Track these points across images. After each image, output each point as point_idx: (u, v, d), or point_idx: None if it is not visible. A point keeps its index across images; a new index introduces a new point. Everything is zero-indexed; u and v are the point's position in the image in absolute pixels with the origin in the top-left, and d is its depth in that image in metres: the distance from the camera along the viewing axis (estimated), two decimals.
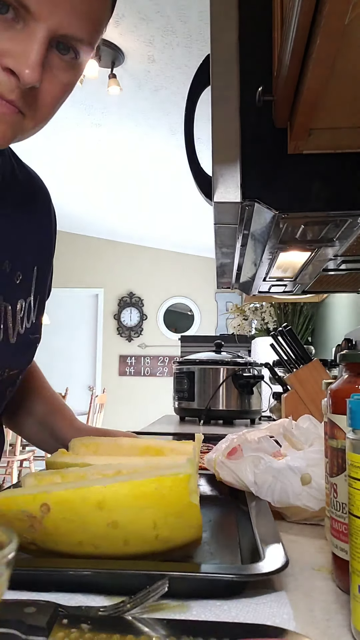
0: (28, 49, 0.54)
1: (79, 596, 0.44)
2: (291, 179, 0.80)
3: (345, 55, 0.58)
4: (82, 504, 0.48)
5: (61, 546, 0.49)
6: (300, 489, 0.66)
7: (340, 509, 0.49)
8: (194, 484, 0.50)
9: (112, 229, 6.39)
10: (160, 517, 0.48)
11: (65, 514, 0.48)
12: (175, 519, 0.48)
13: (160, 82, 3.22)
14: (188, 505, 0.49)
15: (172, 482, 0.49)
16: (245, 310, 3.25)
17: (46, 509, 0.48)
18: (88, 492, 0.48)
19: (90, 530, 0.48)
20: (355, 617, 0.39)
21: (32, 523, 0.48)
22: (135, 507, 0.48)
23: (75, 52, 0.59)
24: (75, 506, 0.48)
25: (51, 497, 0.48)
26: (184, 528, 0.49)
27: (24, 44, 0.54)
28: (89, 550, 0.48)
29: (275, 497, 0.67)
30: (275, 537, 0.53)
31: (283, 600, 0.44)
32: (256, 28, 0.82)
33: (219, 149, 0.81)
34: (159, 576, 0.42)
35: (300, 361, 1.77)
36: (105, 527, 0.47)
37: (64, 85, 0.61)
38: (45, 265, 0.83)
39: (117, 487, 0.48)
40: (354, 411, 0.41)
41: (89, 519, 0.48)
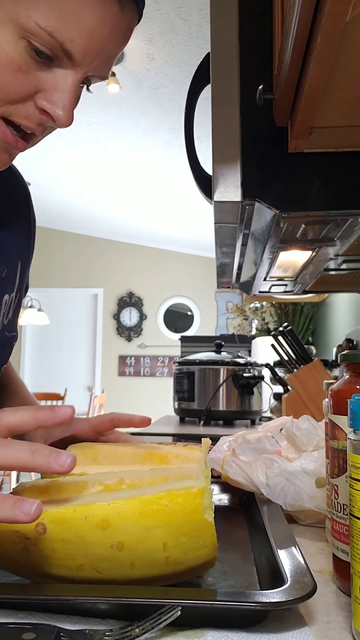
0: (64, 92, 0.55)
1: (82, 617, 0.42)
2: (292, 178, 0.80)
3: (345, 54, 0.58)
4: (83, 523, 0.43)
5: (59, 570, 0.44)
6: (315, 492, 0.66)
7: (341, 510, 0.49)
8: (209, 499, 0.45)
9: (111, 228, 6.39)
10: (171, 537, 0.43)
11: (64, 534, 0.43)
12: (187, 539, 0.43)
13: (160, 81, 3.22)
14: (202, 522, 0.43)
15: (184, 498, 0.43)
16: (246, 310, 3.25)
17: (42, 529, 0.43)
18: (90, 510, 0.43)
19: (93, 553, 0.43)
20: (356, 619, 0.39)
21: (26, 545, 0.43)
22: (143, 527, 0.42)
23: (88, 84, 0.61)
24: (75, 526, 0.43)
25: (48, 516, 0.43)
26: (197, 549, 0.44)
27: (60, 86, 0.55)
28: (90, 575, 0.44)
29: (288, 500, 0.67)
30: (297, 553, 0.49)
31: (306, 633, 0.41)
32: (256, 26, 0.82)
33: (219, 148, 0.81)
34: (171, 605, 0.39)
35: (300, 361, 1.76)
36: (109, 549, 0.42)
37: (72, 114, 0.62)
38: (26, 261, 0.82)
39: (123, 504, 0.43)
40: (355, 412, 0.41)
41: (91, 540, 0.43)
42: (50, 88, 0.55)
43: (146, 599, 0.40)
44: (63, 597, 0.41)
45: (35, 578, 0.46)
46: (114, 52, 0.57)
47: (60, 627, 0.38)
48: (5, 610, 0.42)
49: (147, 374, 6.80)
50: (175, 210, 5.36)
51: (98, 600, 0.41)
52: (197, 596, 0.41)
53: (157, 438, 1.60)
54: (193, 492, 0.44)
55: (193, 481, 0.45)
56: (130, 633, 0.38)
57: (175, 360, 2.37)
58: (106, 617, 0.42)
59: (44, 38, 0.52)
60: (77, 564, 0.43)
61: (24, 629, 0.37)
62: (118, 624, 0.40)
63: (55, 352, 6.75)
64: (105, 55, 0.56)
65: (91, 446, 0.65)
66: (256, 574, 0.52)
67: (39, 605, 0.42)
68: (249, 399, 2.18)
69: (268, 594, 0.41)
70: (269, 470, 0.70)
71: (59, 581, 0.45)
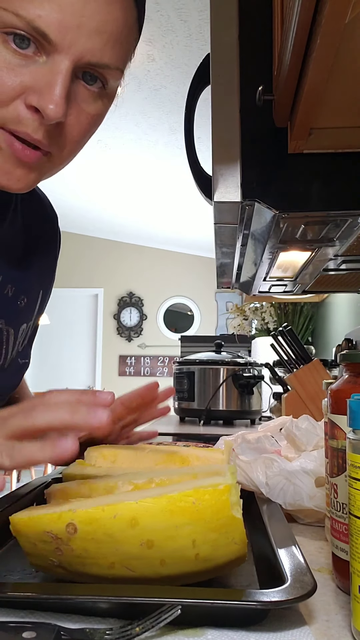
0: (51, 83, 0.51)
1: (83, 616, 0.42)
2: (291, 179, 0.80)
3: (345, 55, 0.58)
4: (112, 522, 0.43)
5: (92, 569, 0.44)
6: (314, 491, 0.66)
7: (341, 510, 0.49)
8: (236, 495, 0.45)
9: (111, 228, 6.39)
10: (200, 534, 0.43)
11: (94, 534, 0.43)
12: (217, 536, 0.44)
13: (160, 82, 3.22)
14: (230, 519, 0.44)
15: (212, 495, 0.44)
16: (246, 310, 3.25)
17: (72, 530, 0.43)
18: (118, 509, 0.43)
19: (123, 551, 0.43)
20: (356, 618, 0.39)
21: (58, 545, 0.44)
22: (171, 524, 0.43)
23: (103, 81, 0.56)
24: (105, 525, 0.43)
25: (77, 516, 0.43)
26: (226, 545, 0.44)
27: (47, 78, 0.51)
28: (122, 572, 0.44)
29: (288, 500, 0.67)
30: (297, 552, 0.49)
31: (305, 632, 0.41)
32: (256, 27, 0.82)
33: (219, 149, 0.81)
34: (171, 604, 0.39)
35: (300, 361, 1.77)
36: (138, 547, 0.43)
37: (92, 117, 0.57)
38: (47, 289, 0.82)
39: (151, 502, 0.43)
40: (355, 411, 0.41)
41: (121, 538, 0.43)
42: (37, 82, 0.51)
43: (146, 597, 0.40)
44: (64, 596, 0.41)
45: (70, 577, 0.46)
46: (104, 27, 0.51)
47: (60, 626, 0.38)
48: (5, 609, 0.43)
49: (147, 374, 6.80)
50: (176, 210, 5.36)
51: (98, 599, 0.41)
52: (197, 595, 0.41)
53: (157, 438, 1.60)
54: (220, 489, 0.44)
55: (220, 478, 0.45)
56: (130, 632, 0.38)
57: (175, 360, 2.37)
58: (106, 616, 0.42)
59: (12, 21, 0.49)
60: (108, 562, 0.44)
61: (24, 627, 0.37)
62: (118, 623, 0.40)
63: (55, 352, 6.75)
64: (91, 31, 0.51)
65: (110, 448, 0.66)
66: (256, 573, 0.52)
67: (40, 604, 0.42)
68: (248, 398, 2.18)
69: (268, 593, 0.41)
70: (268, 469, 0.70)
71: (93, 580, 0.45)
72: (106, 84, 0.57)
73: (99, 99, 0.57)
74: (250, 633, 0.40)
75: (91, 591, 0.43)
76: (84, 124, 0.57)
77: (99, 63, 0.53)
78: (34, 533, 0.45)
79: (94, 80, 0.55)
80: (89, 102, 0.56)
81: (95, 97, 0.57)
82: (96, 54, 0.53)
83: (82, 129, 0.57)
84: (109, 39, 0.53)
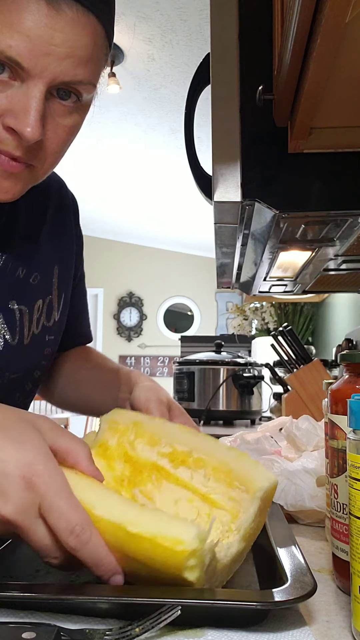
0: (27, 107, 0.55)
1: (83, 617, 0.42)
2: (291, 179, 0.80)
3: (345, 54, 0.58)
4: None
5: None
6: (316, 491, 0.66)
7: (341, 510, 0.49)
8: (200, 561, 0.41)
9: (111, 228, 6.39)
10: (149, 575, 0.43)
11: None
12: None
13: (160, 81, 3.22)
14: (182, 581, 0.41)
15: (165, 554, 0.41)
16: (246, 310, 3.25)
17: None
18: None
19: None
20: (356, 618, 0.39)
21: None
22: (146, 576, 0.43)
23: (77, 95, 0.59)
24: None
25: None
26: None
27: (22, 102, 0.55)
28: None
29: (289, 500, 0.67)
30: (297, 553, 0.49)
31: (305, 632, 0.41)
32: (256, 27, 0.82)
33: (219, 148, 0.81)
34: (171, 605, 0.39)
35: (300, 361, 1.77)
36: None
37: (69, 129, 0.61)
38: (66, 266, 0.84)
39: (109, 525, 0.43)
40: (355, 411, 0.41)
41: None
42: (14, 106, 0.55)
43: (146, 598, 0.40)
44: (63, 597, 0.41)
45: None
46: (74, 52, 0.55)
47: (60, 627, 0.38)
48: (5, 609, 0.43)
49: (147, 374, 6.80)
50: (175, 210, 5.36)
51: (98, 599, 0.41)
52: (197, 595, 0.41)
53: None
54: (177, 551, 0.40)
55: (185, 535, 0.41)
56: (130, 632, 0.38)
57: (175, 360, 2.37)
58: (106, 616, 0.42)
59: None
60: None
61: (24, 628, 0.37)
62: (118, 624, 0.40)
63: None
64: (61, 56, 0.54)
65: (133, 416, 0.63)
66: (256, 574, 0.52)
67: (40, 605, 0.42)
68: (248, 399, 2.18)
69: (268, 594, 0.41)
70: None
71: None
72: (80, 97, 0.60)
73: (74, 112, 0.61)
74: (250, 633, 0.40)
75: (91, 592, 0.43)
76: (62, 136, 0.61)
77: (73, 81, 0.57)
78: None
79: (68, 96, 0.59)
80: (65, 116, 0.60)
81: (70, 110, 0.60)
82: (68, 74, 0.56)
83: (60, 140, 0.61)
84: (80, 61, 0.56)
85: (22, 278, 0.75)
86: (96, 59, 0.59)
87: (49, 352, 0.81)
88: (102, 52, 0.60)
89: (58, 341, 0.84)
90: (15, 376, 0.76)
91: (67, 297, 0.84)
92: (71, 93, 0.59)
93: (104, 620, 0.41)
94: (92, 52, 0.57)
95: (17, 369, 0.76)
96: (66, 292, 0.84)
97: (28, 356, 0.77)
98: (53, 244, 0.81)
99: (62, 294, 0.83)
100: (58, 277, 0.81)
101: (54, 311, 0.81)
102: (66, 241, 0.85)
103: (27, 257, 0.76)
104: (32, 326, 0.77)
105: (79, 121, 0.63)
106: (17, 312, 0.74)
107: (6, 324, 0.73)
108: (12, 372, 0.76)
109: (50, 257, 0.80)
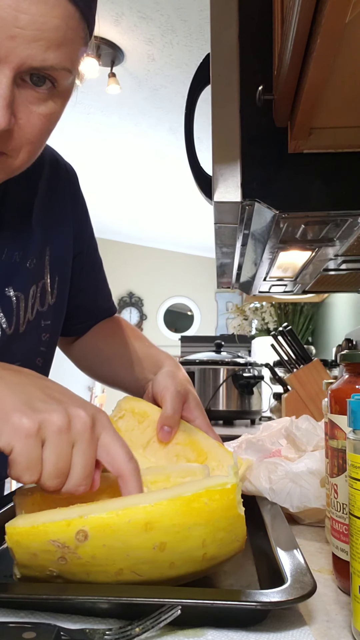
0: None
1: (83, 617, 0.42)
2: (291, 179, 0.80)
3: (345, 54, 0.58)
4: (127, 527, 0.42)
5: (97, 577, 0.43)
6: (320, 491, 0.66)
7: (341, 510, 0.49)
8: (239, 494, 0.46)
9: (111, 228, 6.39)
10: (210, 534, 0.43)
11: (106, 540, 0.42)
12: (224, 534, 0.44)
13: (160, 81, 3.22)
14: (237, 517, 0.45)
15: (221, 495, 0.44)
16: (246, 310, 3.25)
17: (83, 537, 0.42)
18: (133, 514, 0.42)
19: (134, 556, 0.42)
20: (356, 618, 0.39)
21: (63, 554, 0.42)
22: (185, 526, 0.43)
23: (52, 81, 0.56)
24: (119, 530, 0.42)
25: (89, 522, 0.42)
26: (231, 542, 0.45)
27: None
28: (129, 578, 0.43)
29: (295, 502, 0.66)
30: (297, 553, 0.49)
31: (305, 632, 0.41)
32: (256, 27, 0.82)
33: (219, 148, 0.81)
34: (171, 604, 0.39)
35: (300, 361, 1.77)
36: (151, 550, 0.42)
37: (45, 117, 0.58)
38: (60, 247, 0.81)
39: (166, 505, 0.43)
40: (355, 411, 0.41)
41: (134, 543, 0.42)
42: None
43: (146, 598, 0.40)
44: (63, 597, 0.41)
45: None
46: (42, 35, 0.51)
47: (60, 626, 0.38)
48: (5, 609, 0.43)
49: None
50: (176, 210, 5.36)
51: (98, 599, 0.41)
52: (197, 595, 0.41)
53: None
54: (228, 488, 0.45)
55: (224, 477, 0.46)
56: (130, 632, 0.38)
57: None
58: (106, 616, 0.42)
59: None
60: (116, 569, 0.43)
61: (24, 628, 0.37)
62: (118, 623, 0.40)
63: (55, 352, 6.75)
64: (27, 39, 0.51)
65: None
66: (256, 573, 0.52)
67: (40, 605, 0.42)
68: (249, 398, 2.18)
69: (268, 594, 0.41)
70: (272, 474, 0.69)
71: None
72: (56, 82, 0.56)
73: (49, 99, 0.57)
74: (250, 633, 0.40)
75: (91, 591, 0.42)
76: (37, 124, 0.57)
77: (43, 66, 0.53)
78: (37, 543, 0.43)
79: (42, 82, 0.55)
80: (39, 104, 0.57)
81: (44, 97, 0.57)
82: (37, 58, 0.52)
83: (35, 129, 0.58)
84: (50, 44, 0.53)
85: (19, 262, 0.73)
86: (69, 42, 0.54)
87: (46, 337, 0.80)
88: (77, 35, 0.55)
89: (57, 325, 0.82)
90: (16, 365, 0.76)
91: (63, 278, 0.81)
92: (45, 79, 0.55)
93: (104, 620, 0.41)
94: (65, 34, 0.53)
95: (16, 359, 0.74)
96: (61, 274, 0.81)
97: (25, 344, 0.76)
98: (44, 224, 0.78)
99: (56, 276, 0.80)
100: (50, 259, 0.78)
101: (48, 295, 0.78)
102: (60, 220, 0.81)
103: (22, 240, 0.73)
104: (27, 313, 0.75)
105: (56, 109, 0.59)
106: (13, 298, 0.72)
107: (3, 312, 0.71)
108: (11, 361, 0.75)
109: (41, 238, 0.77)
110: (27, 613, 0.42)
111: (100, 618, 0.41)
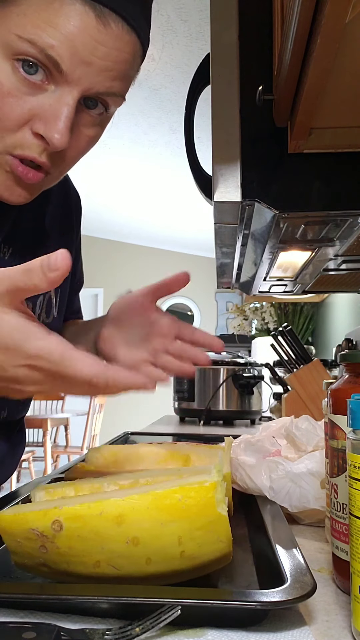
0: (57, 114, 0.54)
1: (83, 616, 0.42)
2: (292, 179, 0.80)
3: (345, 54, 0.58)
4: (98, 519, 0.43)
5: (76, 567, 0.44)
6: (320, 492, 0.66)
7: (341, 510, 0.49)
8: (222, 493, 0.45)
9: (111, 228, 6.39)
10: (186, 532, 0.43)
11: (80, 531, 0.43)
12: (202, 533, 0.44)
13: (160, 81, 3.22)
14: (216, 517, 0.44)
15: (197, 492, 0.44)
16: (246, 310, 3.25)
17: (58, 527, 0.43)
18: (104, 506, 0.43)
19: (109, 549, 0.43)
20: (356, 618, 0.39)
21: (43, 543, 0.44)
22: (157, 521, 0.43)
23: (105, 106, 0.59)
24: (91, 522, 0.43)
25: (63, 513, 0.43)
26: (212, 543, 0.45)
27: (54, 108, 0.54)
28: (107, 571, 0.44)
29: (294, 502, 0.66)
30: (297, 553, 0.49)
31: (305, 632, 0.41)
32: (256, 27, 0.82)
33: (219, 149, 0.81)
34: (171, 604, 0.39)
35: (300, 361, 1.77)
36: (124, 544, 0.43)
37: (90, 139, 0.61)
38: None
39: (137, 499, 0.43)
40: (355, 411, 0.41)
41: (107, 536, 0.43)
42: (44, 111, 0.54)
43: (146, 598, 0.40)
44: (63, 597, 0.41)
45: (53, 577, 0.47)
46: (113, 67, 0.55)
47: (60, 626, 0.38)
48: (5, 609, 0.43)
49: None
50: (175, 210, 5.36)
51: (98, 599, 0.41)
52: (197, 595, 0.41)
53: (157, 438, 1.60)
54: (206, 486, 0.44)
55: (206, 475, 0.46)
56: (130, 632, 0.38)
57: None
58: (106, 616, 0.42)
59: (26, 48, 0.52)
60: (93, 561, 0.44)
61: (24, 628, 0.37)
62: (118, 623, 0.40)
63: None
64: (100, 69, 0.54)
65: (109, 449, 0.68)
66: (256, 574, 0.52)
67: (40, 605, 0.42)
68: (248, 398, 2.18)
69: (268, 594, 0.41)
70: (273, 473, 0.69)
71: (77, 579, 0.45)
72: (108, 108, 0.60)
73: (98, 123, 0.61)
74: (250, 633, 0.40)
75: (91, 591, 0.43)
76: (82, 145, 0.61)
77: (107, 92, 0.57)
78: (19, 530, 0.45)
79: (95, 105, 0.58)
80: (89, 127, 0.60)
81: (95, 121, 0.60)
82: (104, 85, 0.56)
83: (79, 150, 0.61)
84: (118, 75, 0.56)
85: None
86: (132, 74, 0.59)
87: None
88: (137, 69, 0.60)
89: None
90: None
91: (63, 294, 0.84)
92: (99, 103, 0.58)
93: (104, 620, 0.41)
94: (131, 68, 0.58)
95: None
96: (63, 290, 0.83)
97: None
98: (54, 238, 0.80)
99: (59, 290, 0.82)
100: None
101: (53, 307, 0.80)
102: (67, 238, 0.84)
103: (32, 252, 0.75)
104: None
105: (99, 133, 0.63)
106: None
107: None
108: None
109: (51, 251, 0.79)
110: (27, 613, 0.42)
111: (100, 618, 0.41)
